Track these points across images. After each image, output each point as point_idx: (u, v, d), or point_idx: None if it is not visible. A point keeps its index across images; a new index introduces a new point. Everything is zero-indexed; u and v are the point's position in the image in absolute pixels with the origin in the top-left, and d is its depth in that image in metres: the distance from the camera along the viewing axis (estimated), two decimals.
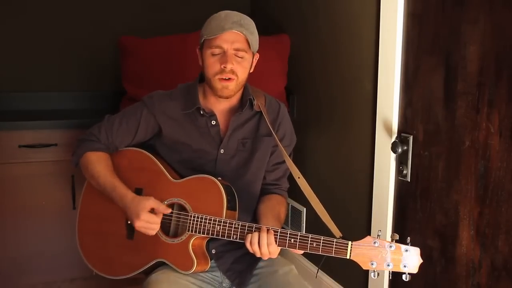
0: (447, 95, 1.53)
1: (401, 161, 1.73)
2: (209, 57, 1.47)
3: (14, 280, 2.26)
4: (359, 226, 1.99)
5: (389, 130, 1.76)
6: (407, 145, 1.68)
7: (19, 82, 2.59)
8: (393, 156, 1.76)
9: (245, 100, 1.56)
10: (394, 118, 1.74)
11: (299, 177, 1.48)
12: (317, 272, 1.63)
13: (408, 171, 1.70)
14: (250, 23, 1.49)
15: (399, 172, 1.74)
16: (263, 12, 2.82)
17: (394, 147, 1.70)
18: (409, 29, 1.66)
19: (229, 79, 1.46)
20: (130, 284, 2.28)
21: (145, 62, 2.36)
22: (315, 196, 1.43)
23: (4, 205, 2.20)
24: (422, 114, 1.63)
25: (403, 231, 1.76)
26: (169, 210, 1.46)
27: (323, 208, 1.41)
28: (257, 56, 1.57)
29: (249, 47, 1.48)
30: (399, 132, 1.73)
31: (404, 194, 1.75)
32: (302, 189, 1.46)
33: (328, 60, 2.17)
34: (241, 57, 1.46)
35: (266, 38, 2.50)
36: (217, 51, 1.45)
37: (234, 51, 1.45)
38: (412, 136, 1.67)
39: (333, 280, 2.18)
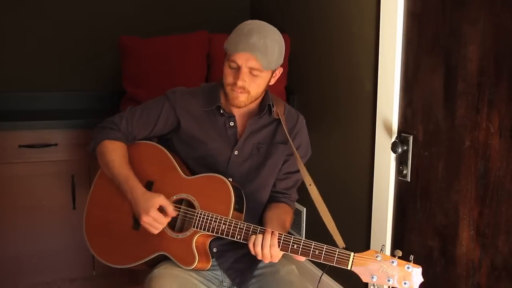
0: (447, 95, 1.53)
1: (401, 161, 1.73)
2: (227, 67, 1.49)
3: (14, 280, 2.26)
4: (359, 226, 1.99)
5: (389, 130, 1.76)
6: (407, 145, 1.69)
7: (19, 82, 2.59)
8: (393, 156, 1.76)
9: (264, 105, 1.58)
10: (394, 118, 1.74)
11: (310, 184, 1.49)
12: (320, 278, 1.63)
13: (408, 171, 1.70)
14: (269, 43, 1.44)
15: (399, 172, 1.74)
16: (263, 12, 2.82)
17: (394, 147, 1.70)
18: (409, 29, 1.66)
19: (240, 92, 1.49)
20: (130, 284, 2.29)
21: (145, 62, 2.36)
22: (324, 204, 1.43)
23: (4, 205, 2.19)
24: (422, 114, 1.63)
25: (403, 231, 1.76)
26: (176, 214, 1.48)
27: (331, 217, 1.41)
28: (280, 69, 1.56)
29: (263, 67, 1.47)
30: (399, 132, 1.73)
31: (404, 194, 1.75)
32: (312, 197, 1.46)
33: (328, 60, 2.17)
34: (255, 75, 1.47)
35: None
36: (233, 65, 1.47)
37: (249, 69, 1.46)
38: (412, 136, 1.67)
39: (334, 281, 2.18)
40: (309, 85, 2.35)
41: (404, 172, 1.71)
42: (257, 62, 1.44)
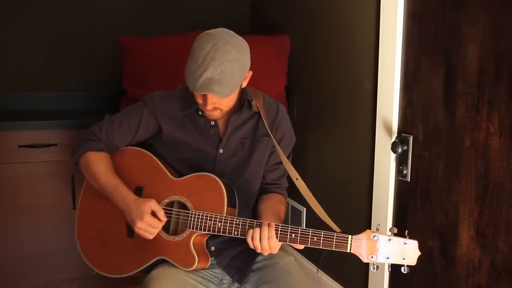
0: (447, 95, 1.53)
1: (401, 161, 1.73)
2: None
3: (14, 280, 2.26)
4: (359, 226, 1.99)
5: (389, 130, 1.76)
6: (407, 145, 1.68)
7: (19, 82, 2.59)
8: (393, 156, 1.76)
9: (243, 101, 1.57)
10: (394, 118, 1.74)
11: (297, 179, 1.49)
12: (318, 268, 1.64)
13: (408, 171, 1.70)
14: (227, 68, 1.36)
15: (399, 172, 1.74)
16: (263, 12, 2.82)
17: (394, 147, 1.70)
18: (409, 29, 1.66)
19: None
20: (130, 284, 2.28)
21: (145, 62, 2.35)
22: (313, 197, 1.44)
23: (4, 205, 2.20)
24: (422, 114, 1.63)
25: (403, 231, 1.76)
26: (165, 219, 1.45)
27: (321, 208, 1.42)
28: (250, 73, 1.50)
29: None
30: (399, 132, 1.73)
31: (404, 194, 1.75)
32: (300, 191, 1.47)
33: (328, 60, 2.17)
34: (222, 98, 1.44)
35: (266, 38, 2.50)
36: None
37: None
38: (412, 136, 1.67)
39: (333, 280, 2.18)
40: (309, 85, 2.35)
41: (404, 172, 1.71)
42: (217, 96, 1.41)
